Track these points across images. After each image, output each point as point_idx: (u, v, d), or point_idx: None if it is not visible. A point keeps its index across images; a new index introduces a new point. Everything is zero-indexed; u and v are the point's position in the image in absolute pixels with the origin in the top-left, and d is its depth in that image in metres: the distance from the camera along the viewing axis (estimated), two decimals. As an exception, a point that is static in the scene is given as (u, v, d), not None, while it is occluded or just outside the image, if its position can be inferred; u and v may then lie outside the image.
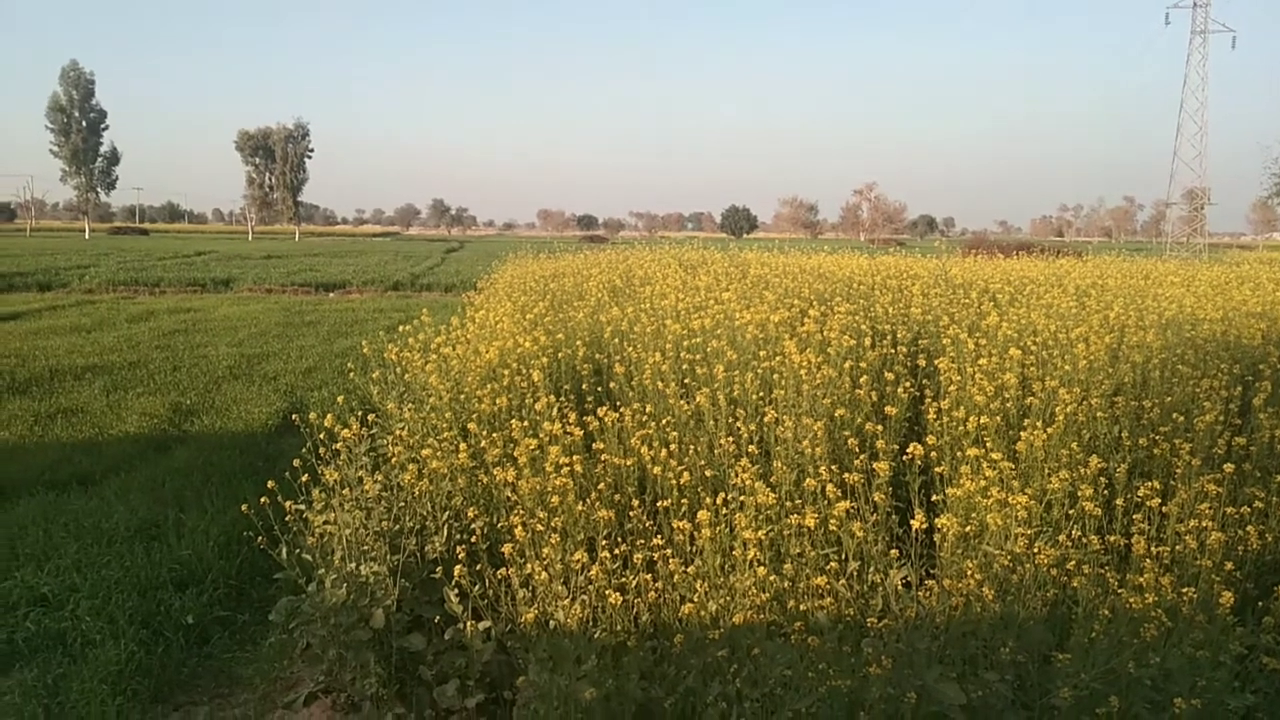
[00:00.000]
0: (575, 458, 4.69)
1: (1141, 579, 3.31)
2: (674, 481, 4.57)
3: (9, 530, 7.00)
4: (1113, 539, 3.86)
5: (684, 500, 4.48)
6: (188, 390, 12.84)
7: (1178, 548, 3.75)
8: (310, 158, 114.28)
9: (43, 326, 19.89)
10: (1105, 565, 3.72)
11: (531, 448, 4.89)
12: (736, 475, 4.37)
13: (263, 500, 4.68)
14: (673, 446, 4.90)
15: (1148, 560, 3.45)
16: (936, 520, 3.85)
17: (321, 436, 5.26)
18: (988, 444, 4.71)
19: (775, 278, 11.99)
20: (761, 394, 5.91)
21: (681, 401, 5.79)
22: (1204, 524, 3.73)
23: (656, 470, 4.69)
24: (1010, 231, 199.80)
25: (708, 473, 4.82)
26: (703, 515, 3.86)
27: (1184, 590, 3.29)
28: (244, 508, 4.81)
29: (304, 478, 4.93)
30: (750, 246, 21.53)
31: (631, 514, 4.44)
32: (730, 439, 5.12)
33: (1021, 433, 4.78)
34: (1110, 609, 3.27)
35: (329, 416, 5.31)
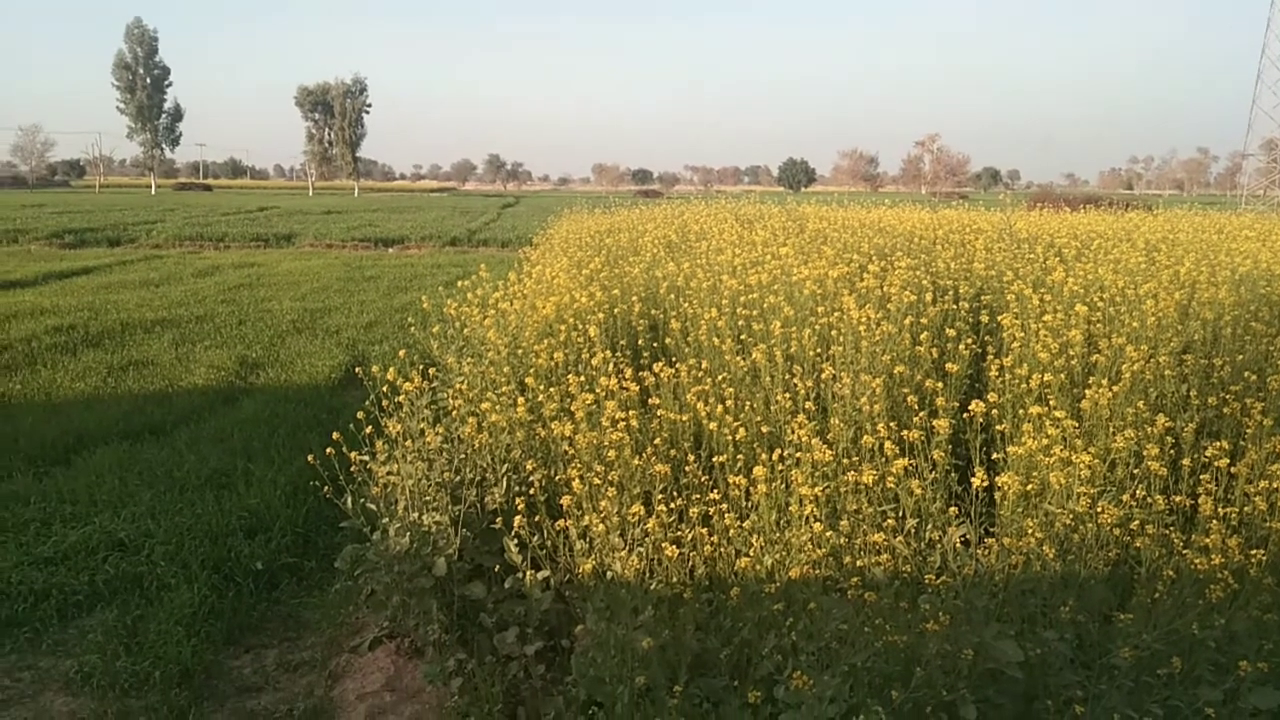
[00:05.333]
0: (631, 413, 4.72)
1: (1208, 540, 3.25)
2: (730, 437, 4.57)
3: (88, 478, 7.29)
4: (1178, 499, 3.79)
5: (739, 456, 4.49)
6: (253, 344, 13.16)
7: (1246, 509, 3.67)
8: (368, 113, 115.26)
9: (113, 281, 20.47)
10: (1170, 526, 3.65)
11: (588, 402, 4.93)
12: (793, 432, 4.36)
13: (328, 451, 4.80)
14: (729, 403, 4.90)
15: (1214, 521, 3.38)
16: (997, 478, 3.81)
17: (384, 389, 5.37)
18: (1051, 402, 4.63)
19: (834, 232, 11.83)
20: (819, 350, 5.87)
21: (738, 358, 5.78)
22: (1275, 485, 3.63)
23: (712, 426, 4.70)
24: (1077, 184, 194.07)
25: (764, 429, 4.81)
26: (759, 471, 3.87)
27: (1252, 552, 3.22)
28: (310, 458, 4.94)
29: (367, 429, 5.04)
30: (808, 200, 21.22)
31: (687, 469, 4.46)
32: (787, 395, 5.10)
33: (1086, 390, 4.69)
34: (1174, 570, 3.22)
35: (391, 370, 5.41)
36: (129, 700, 4.58)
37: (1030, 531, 3.37)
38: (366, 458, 4.92)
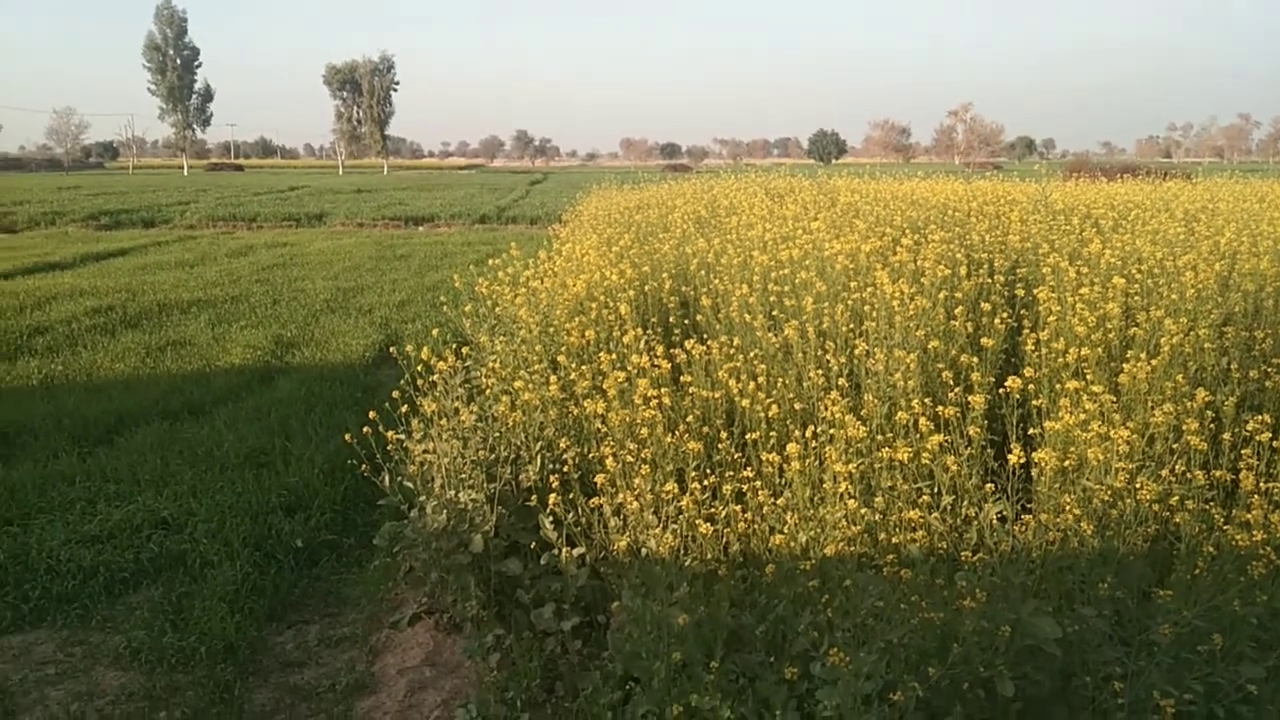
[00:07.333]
0: (663, 390, 4.73)
1: (1249, 515, 3.22)
2: (762, 414, 4.57)
3: (130, 457, 7.43)
4: (1219, 474, 3.74)
5: (772, 433, 4.49)
6: (288, 323, 13.30)
7: (1289, 484, 3.62)
8: (396, 91, 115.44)
9: (149, 262, 20.74)
10: (1210, 501, 3.62)
11: (620, 380, 4.94)
12: (826, 408, 4.35)
13: (365, 430, 4.86)
14: (760, 379, 4.89)
15: (1256, 496, 3.34)
16: (1034, 454, 3.78)
17: (419, 368, 5.42)
18: (1088, 376, 4.58)
19: (866, 205, 11.72)
20: (852, 326, 5.84)
21: (769, 334, 5.77)
22: (1319, 459, 3.58)
23: (744, 403, 4.69)
24: (1114, 153, 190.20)
25: (796, 406, 4.80)
26: (792, 448, 3.87)
27: (1294, 528, 3.19)
28: (347, 437, 5.01)
29: (403, 408, 5.10)
30: (839, 173, 21.03)
31: (720, 446, 4.47)
32: (819, 372, 5.09)
33: (1124, 365, 4.63)
34: (1215, 546, 3.19)
35: (425, 349, 5.45)
36: (176, 675, 4.69)
37: (1068, 508, 3.35)
38: (403, 436, 4.98)
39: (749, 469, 4.09)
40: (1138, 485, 3.46)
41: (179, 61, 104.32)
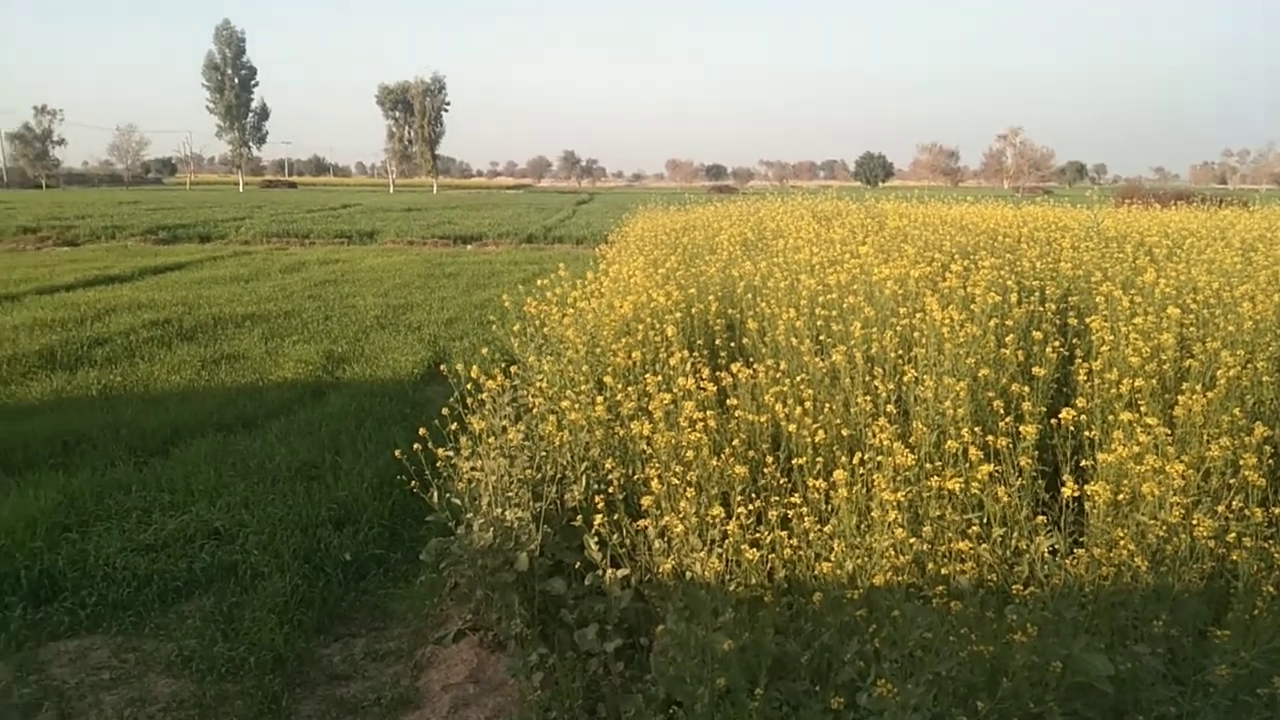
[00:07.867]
0: (709, 413, 4.74)
1: (1311, 555, 3.15)
2: (809, 440, 4.56)
3: (185, 468, 7.58)
4: (1278, 512, 3.66)
5: (819, 459, 4.48)
6: (339, 339, 13.51)
7: (1352, 523, 3.53)
8: (447, 111, 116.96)
9: (205, 276, 21.19)
10: (1269, 539, 3.54)
11: (666, 402, 4.96)
12: (874, 435, 4.33)
13: (414, 446, 4.93)
14: (807, 404, 4.88)
15: (1318, 536, 3.27)
16: (1086, 487, 3.73)
17: (468, 386, 5.49)
18: (1142, 408, 4.51)
19: (915, 230, 11.65)
20: (900, 352, 5.81)
21: (816, 359, 5.75)
22: (1383, 499, 3.49)
23: (791, 428, 4.69)
24: (1167, 179, 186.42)
25: (844, 432, 4.78)
26: (839, 475, 3.86)
27: (1359, 569, 3.11)
28: (396, 453, 5.08)
29: (452, 426, 5.16)
30: (886, 195, 20.94)
31: (765, 471, 4.46)
32: (867, 398, 5.06)
33: (1179, 397, 4.56)
34: (1275, 585, 3.12)
35: (474, 368, 5.52)
36: (226, 684, 4.78)
37: (1121, 542, 3.30)
38: (451, 453, 5.04)
39: (795, 495, 4.08)
40: (1193, 521, 3.40)
41: (236, 80, 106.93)
